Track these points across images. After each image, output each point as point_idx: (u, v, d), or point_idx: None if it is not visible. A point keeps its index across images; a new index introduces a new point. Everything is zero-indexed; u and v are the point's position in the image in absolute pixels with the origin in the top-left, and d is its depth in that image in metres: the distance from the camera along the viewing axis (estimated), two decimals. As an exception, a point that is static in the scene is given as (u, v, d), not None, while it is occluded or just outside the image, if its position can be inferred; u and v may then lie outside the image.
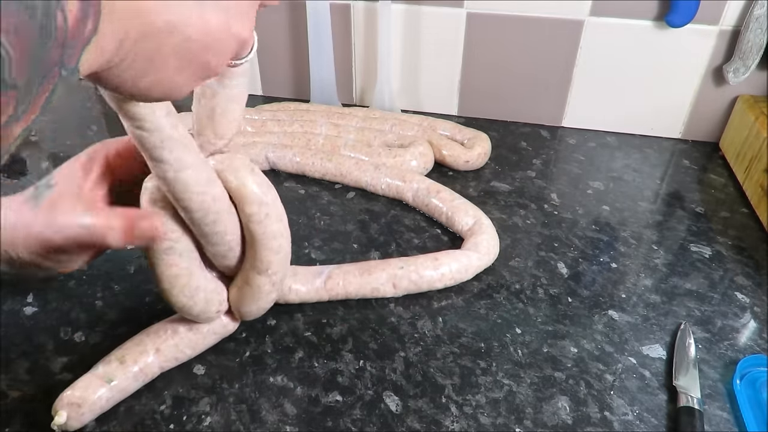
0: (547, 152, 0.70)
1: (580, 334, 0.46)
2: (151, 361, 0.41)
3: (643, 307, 0.48)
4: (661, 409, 0.40)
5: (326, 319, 0.47)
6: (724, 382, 0.42)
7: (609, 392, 0.41)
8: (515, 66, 0.72)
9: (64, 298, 0.48)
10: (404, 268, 0.48)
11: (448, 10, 0.69)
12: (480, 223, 0.54)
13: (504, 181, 0.65)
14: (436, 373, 0.43)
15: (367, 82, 0.78)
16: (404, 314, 0.47)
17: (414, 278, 0.48)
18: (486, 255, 0.51)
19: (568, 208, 0.60)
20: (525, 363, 0.43)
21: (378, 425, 0.39)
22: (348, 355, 0.44)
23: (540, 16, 0.67)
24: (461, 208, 0.55)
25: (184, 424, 0.39)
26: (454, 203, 0.56)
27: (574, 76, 0.71)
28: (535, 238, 0.56)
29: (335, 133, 0.67)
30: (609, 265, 0.53)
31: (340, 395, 0.41)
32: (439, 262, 0.49)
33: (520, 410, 0.40)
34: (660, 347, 0.45)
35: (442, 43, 0.72)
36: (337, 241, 0.55)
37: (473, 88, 0.75)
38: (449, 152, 0.65)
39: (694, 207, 0.61)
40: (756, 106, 0.64)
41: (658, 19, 0.65)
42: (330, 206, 0.60)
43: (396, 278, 0.48)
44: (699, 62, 0.67)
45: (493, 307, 0.48)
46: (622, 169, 0.67)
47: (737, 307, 0.49)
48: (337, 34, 0.73)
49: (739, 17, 0.63)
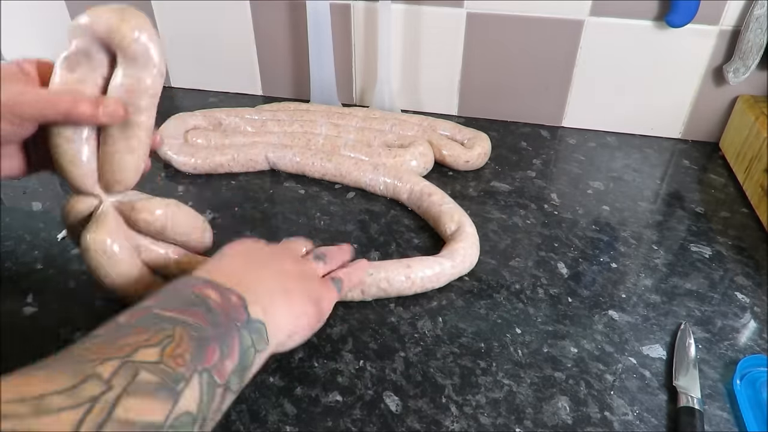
0: (547, 152, 0.70)
1: (580, 334, 0.46)
2: None
3: (643, 307, 0.48)
4: (661, 409, 0.40)
5: (326, 319, 0.47)
6: (724, 382, 0.42)
7: (609, 392, 0.41)
8: (515, 66, 0.72)
9: (64, 298, 0.48)
10: (374, 274, 0.47)
11: (448, 10, 0.69)
12: (462, 230, 0.53)
13: (504, 181, 0.65)
14: (436, 373, 0.43)
15: (367, 82, 0.78)
16: (404, 314, 0.47)
17: (383, 286, 0.47)
18: (461, 264, 0.50)
19: (568, 208, 0.60)
20: (525, 363, 0.43)
21: (378, 425, 0.39)
22: (348, 355, 0.44)
23: (540, 16, 0.67)
24: (447, 213, 0.55)
25: (184, 424, 0.39)
26: (442, 207, 0.55)
27: (574, 76, 0.71)
28: (535, 238, 0.56)
29: (335, 133, 0.67)
30: (609, 265, 0.53)
31: (340, 395, 0.41)
32: (411, 270, 0.48)
33: (520, 410, 0.40)
34: (660, 347, 0.45)
35: (442, 43, 0.72)
36: (337, 241, 0.55)
37: (473, 88, 0.75)
38: (449, 152, 0.65)
39: (694, 207, 0.61)
40: (756, 106, 0.64)
41: (658, 19, 0.65)
42: (330, 206, 0.60)
43: (365, 285, 0.47)
44: (699, 62, 0.67)
45: (493, 307, 0.48)
46: (622, 169, 0.67)
47: (737, 307, 0.49)
48: (337, 34, 0.73)
49: (739, 17, 0.63)
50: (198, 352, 0.29)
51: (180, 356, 0.28)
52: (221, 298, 0.33)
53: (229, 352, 0.31)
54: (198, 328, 0.30)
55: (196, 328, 0.30)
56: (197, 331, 0.30)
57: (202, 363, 0.29)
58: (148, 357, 0.27)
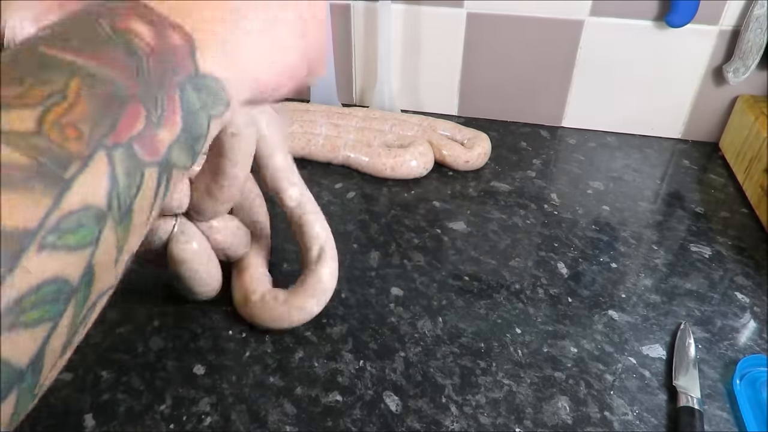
0: (547, 152, 0.70)
1: (580, 334, 0.46)
2: None
3: (643, 307, 0.48)
4: (661, 409, 0.40)
5: (326, 319, 0.47)
6: (724, 382, 0.42)
7: (609, 392, 0.41)
8: (515, 66, 0.72)
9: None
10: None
11: (448, 10, 0.69)
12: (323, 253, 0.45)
13: (504, 181, 0.65)
14: (436, 373, 0.43)
15: (367, 82, 0.78)
16: (404, 314, 0.47)
17: None
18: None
19: (568, 208, 0.60)
20: (525, 363, 0.43)
21: (378, 425, 0.39)
22: (348, 355, 0.44)
23: (540, 16, 0.67)
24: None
25: (184, 424, 0.39)
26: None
27: (574, 76, 0.71)
28: (535, 238, 0.56)
29: (335, 133, 0.67)
30: (609, 265, 0.53)
31: (340, 395, 0.41)
32: None
33: (520, 410, 0.40)
34: (660, 347, 0.45)
35: (442, 43, 0.72)
36: (337, 241, 0.55)
37: (473, 88, 0.75)
38: (449, 152, 0.65)
39: (694, 207, 0.61)
40: (756, 106, 0.64)
41: (658, 19, 0.65)
42: (330, 206, 0.60)
43: None
44: (699, 62, 0.67)
45: (493, 307, 0.48)
46: (622, 169, 0.67)
47: (737, 307, 0.49)
48: (337, 34, 0.73)
49: (739, 17, 0.63)
50: (104, 117, 0.19)
51: (72, 126, 0.18)
52: (154, 37, 0.21)
53: (162, 118, 0.21)
54: (108, 81, 0.20)
55: (104, 81, 0.19)
56: (106, 85, 0.19)
57: (113, 135, 0.19)
58: (16, 125, 0.17)
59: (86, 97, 0.19)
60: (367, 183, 0.64)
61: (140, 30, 0.21)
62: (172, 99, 0.21)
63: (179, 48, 0.22)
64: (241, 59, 0.24)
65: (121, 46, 0.20)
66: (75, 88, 0.19)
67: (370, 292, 0.49)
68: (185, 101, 0.22)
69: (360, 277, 0.51)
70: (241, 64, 0.24)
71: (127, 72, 0.20)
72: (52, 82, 0.18)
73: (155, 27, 0.21)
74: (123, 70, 0.20)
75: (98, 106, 0.19)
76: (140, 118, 0.20)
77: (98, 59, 0.20)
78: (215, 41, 0.23)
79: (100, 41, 0.20)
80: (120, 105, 0.20)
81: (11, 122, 0.17)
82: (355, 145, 0.65)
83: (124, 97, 0.20)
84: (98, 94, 0.19)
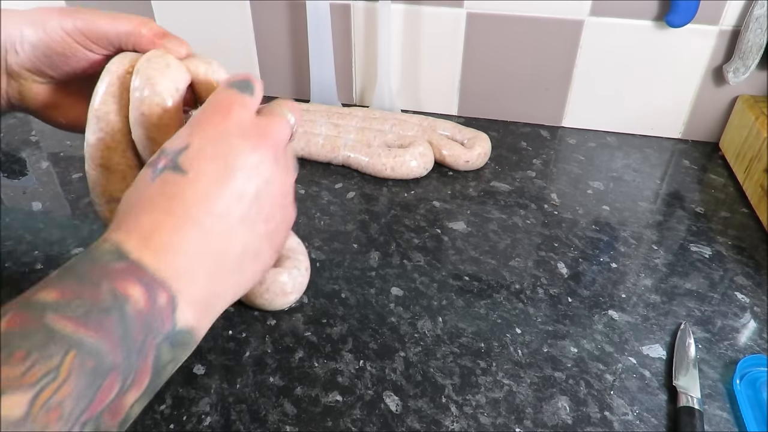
0: (547, 152, 0.70)
1: (580, 334, 0.46)
2: None
3: (643, 307, 0.48)
4: (661, 409, 0.40)
5: (326, 319, 0.47)
6: (724, 382, 0.42)
7: (609, 392, 0.41)
8: (515, 66, 0.72)
9: (64, 298, 0.48)
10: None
11: (448, 10, 0.69)
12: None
13: (504, 181, 0.65)
14: (436, 373, 0.43)
15: (367, 82, 0.78)
16: (404, 314, 0.47)
17: None
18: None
19: (568, 208, 0.60)
20: (525, 363, 0.43)
21: (378, 425, 0.39)
22: (348, 355, 0.44)
23: (540, 16, 0.67)
24: None
25: (184, 424, 0.39)
26: None
27: (574, 76, 0.71)
28: (535, 238, 0.56)
29: (335, 133, 0.67)
30: (609, 265, 0.53)
31: (340, 395, 0.41)
32: None
33: (520, 410, 0.40)
34: (660, 347, 0.45)
35: (442, 43, 0.72)
36: (337, 241, 0.55)
37: (473, 88, 0.75)
38: (449, 152, 0.65)
39: (694, 207, 0.61)
40: (756, 106, 0.64)
41: (658, 19, 0.65)
42: (330, 206, 0.60)
43: None
44: (699, 62, 0.67)
45: (493, 307, 0.48)
46: (622, 169, 0.67)
47: (737, 307, 0.49)
48: (337, 34, 0.73)
49: (739, 17, 0.63)
50: (85, 394, 0.22)
51: (57, 407, 0.21)
52: (146, 299, 0.25)
53: (133, 382, 0.24)
54: (98, 353, 0.23)
55: (95, 353, 0.23)
56: (95, 356, 0.23)
57: (89, 410, 0.22)
58: (8, 412, 0.20)
59: (76, 373, 0.22)
60: (367, 183, 0.64)
61: (136, 296, 0.25)
62: (146, 363, 0.25)
63: (164, 309, 0.26)
64: (219, 298, 0.29)
65: (115, 314, 0.24)
66: (69, 362, 0.22)
67: (370, 292, 0.49)
68: (157, 359, 0.26)
69: (360, 277, 0.51)
70: (216, 303, 0.29)
71: (115, 341, 0.24)
72: (51, 359, 0.22)
73: (148, 291, 0.25)
74: (113, 341, 0.24)
75: (84, 382, 0.22)
76: (115, 387, 0.23)
77: (96, 331, 0.23)
78: (196, 295, 0.28)
79: (101, 309, 0.24)
80: (103, 376, 0.23)
81: (5, 409, 0.20)
82: (355, 145, 0.65)
83: (108, 368, 0.23)
84: (87, 366, 0.22)
